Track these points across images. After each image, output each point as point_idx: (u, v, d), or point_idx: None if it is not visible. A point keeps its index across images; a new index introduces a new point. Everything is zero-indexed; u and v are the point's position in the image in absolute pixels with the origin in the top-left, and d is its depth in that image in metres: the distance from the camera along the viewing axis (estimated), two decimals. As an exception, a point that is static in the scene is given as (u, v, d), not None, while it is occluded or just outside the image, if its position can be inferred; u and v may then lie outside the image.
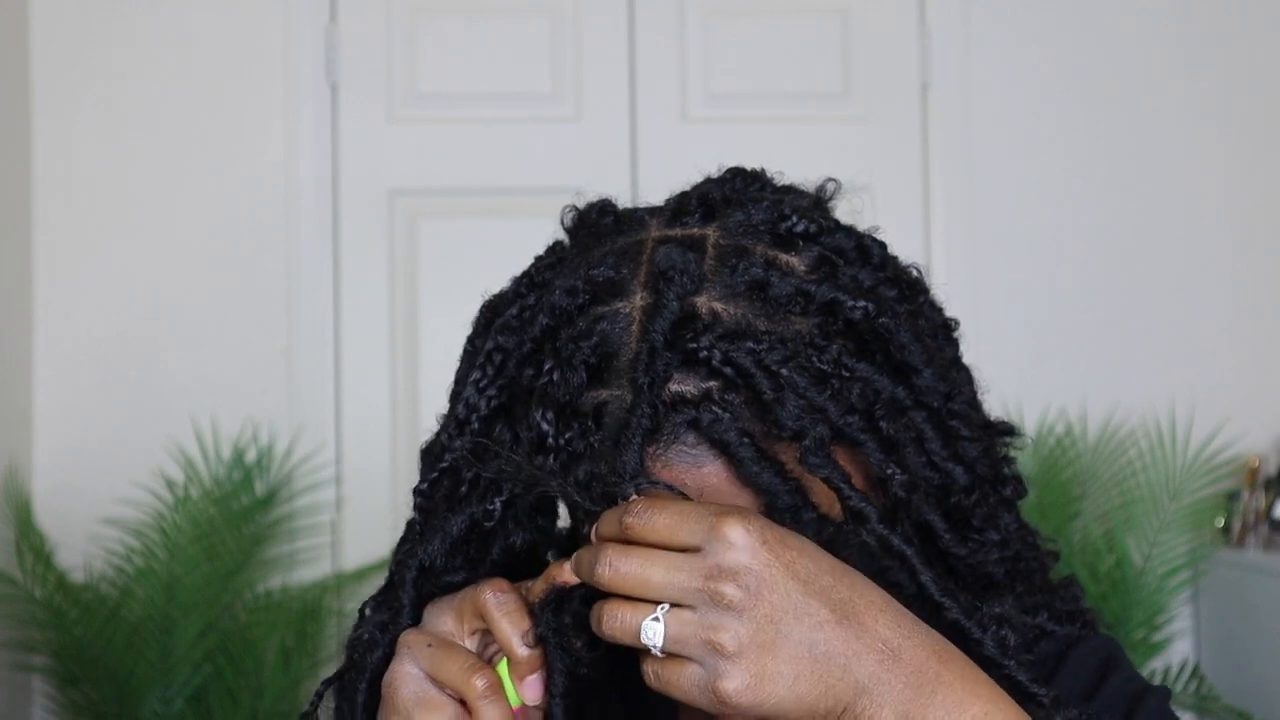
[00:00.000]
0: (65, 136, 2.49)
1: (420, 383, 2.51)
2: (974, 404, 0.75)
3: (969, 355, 0.80)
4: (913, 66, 2.59)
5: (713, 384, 0.64)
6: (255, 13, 2.52)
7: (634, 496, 0.62)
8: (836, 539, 0.63)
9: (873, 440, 0.66)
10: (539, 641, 0.65)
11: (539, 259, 0.76)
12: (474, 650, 0.67)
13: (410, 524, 0.76)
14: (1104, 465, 2.50)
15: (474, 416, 0.72)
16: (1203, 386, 2.56)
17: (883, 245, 0.73)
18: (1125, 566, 2.38)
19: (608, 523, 0.61)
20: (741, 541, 0.58)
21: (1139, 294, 2.62)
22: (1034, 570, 0.76)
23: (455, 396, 0.75)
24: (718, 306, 0.66)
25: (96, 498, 2.39)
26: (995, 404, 0.80)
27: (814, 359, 0.65)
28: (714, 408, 0.63)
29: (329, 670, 2.46)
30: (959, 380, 0.74)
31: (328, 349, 2.51)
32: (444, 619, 0.68)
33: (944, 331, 0.75)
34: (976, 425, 0.72)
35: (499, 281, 0.78)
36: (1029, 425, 2.49)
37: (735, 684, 0.57)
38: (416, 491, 0.74)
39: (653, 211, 0.74)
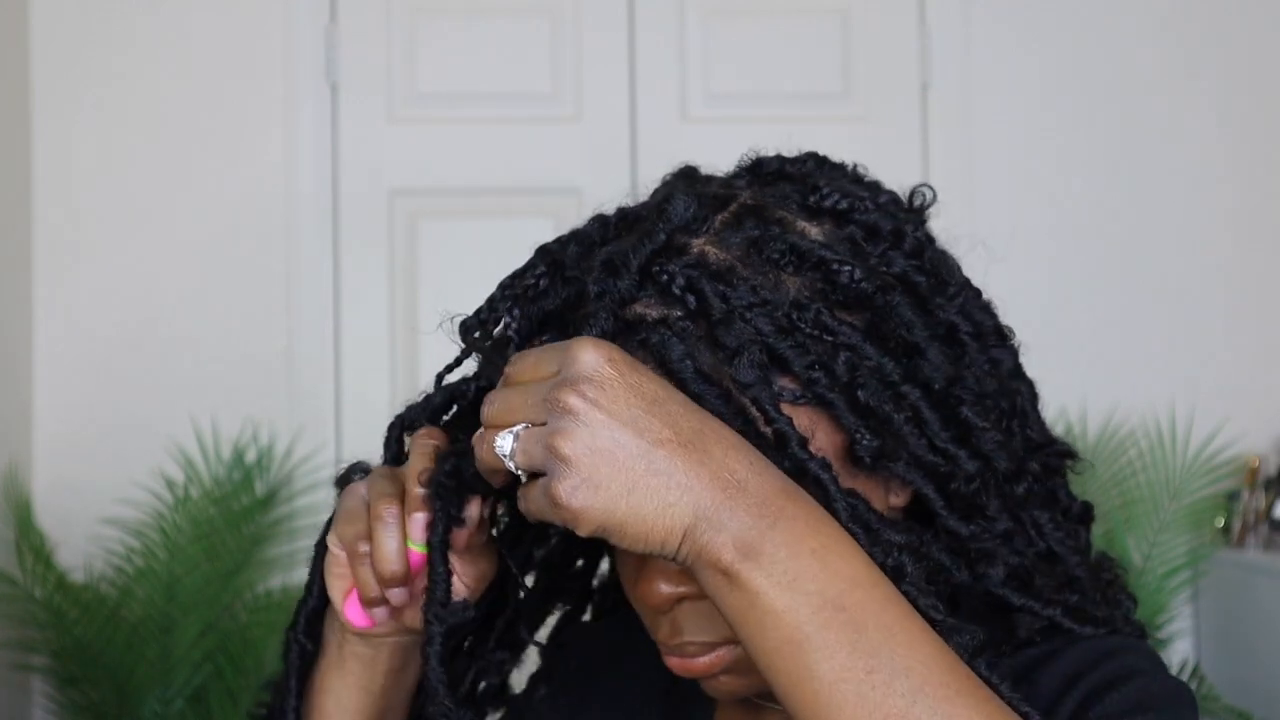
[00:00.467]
0: (65, 136, 2.49)
1: (420, 383, 2.50)
2: (1013, 413, 0.74)
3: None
4: (913, 66, 2.59)
5: (675, 311, 0.65)
6: (255, 13, 2.52)
7: None
8: (782, 468, 0.63)
9: (844, 401, 0.66)
10: (429, 485, 0.70)
11: (619, 209, 0.78)
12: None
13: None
14: (1104, 465, 2.50)
15: (493, 318, 0.74)
16: (1203, 386, 2.56)
17: (924, 237, 0.73)
18: (1125, 566, 2.37)
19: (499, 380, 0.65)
20: (588, 358, 0.59)
21: (1139, 294, 2.62)
22: (1077, 576, 0.75)
23: None
24: (709, 249, 0.67)
25: (96, 498, 2.39)
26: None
27: (792, 315, 0.66)
28: (665, 330, 0.65)
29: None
30: (1013, 388, 0.74)
31: (328, 349, 2.51)
32: (412, 458, 0.73)
33: (995, 335, 0.75)
34: (1005, 416, 0.72)
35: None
36: (1029, 425, 2.48)
37: (568, 486, 0.58)
38: (438, 376, 0.79)
39: (724, 176, 0.77)
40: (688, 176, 0.77)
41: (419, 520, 0.70)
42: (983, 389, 0.71)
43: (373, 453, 0.82)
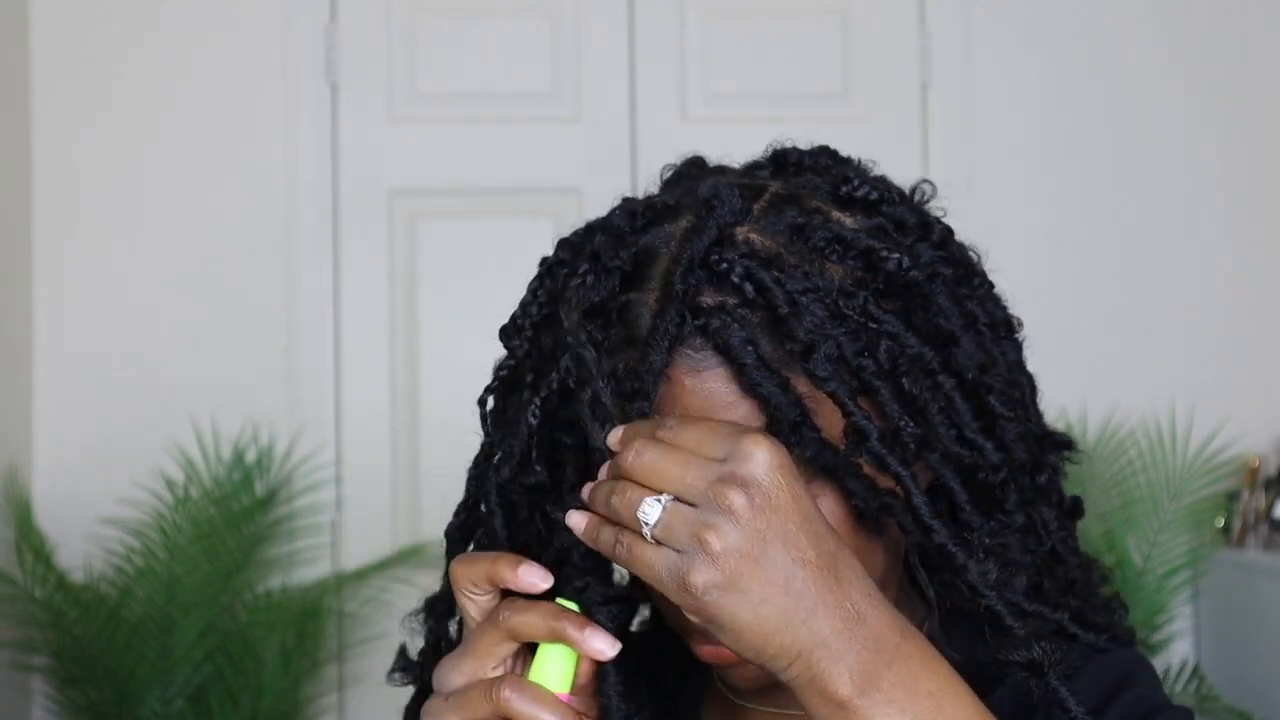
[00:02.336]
0: (65, 137, 2.49)
1: (420, 383, 2.51)
2: (1023, 404, 0.74)
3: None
4: (913, 66, 2.59)
5: (732, 299, 0.65)
6: (255, 13, 2.52)
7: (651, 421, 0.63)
8: (836, 464, 0.64)
9: (889, 389, 0.66)
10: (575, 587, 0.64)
11: (624, 199, 0.77)
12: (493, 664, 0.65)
13: (483, 445, 0.76)
14: (1104, 465, 2.50)
15: (527, 322, 0.72)
16: (1203, 386, 2.56)
17: (949, 229, 0.74)
18: (1125, 566, 2.37)
19: (636, 429, 0.62)
20: (762, 458, 0.59)
21: (1139, 294, 2.62)
22: (1075, 579, 0.76)
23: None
24: (754, 237, 0.67)
25: (96, 498, 2.39)
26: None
27: (840, 303, 0.66)
28: (725, 316, 0.65)
29: (330, 671, 2.46)
30: (1019, 380, 0.75)
31: (328, 349, 2.51)
32: (459, 669, 0.65)
33: (1005, 328, 0.75)
34: (1018, 407, 0.72)
35: (499, 281, 0.78)
36: (1029, 425, 2.48)
37: (705, 578, 0.57)
38: (480, 401, 0.75)
39: (741, 168, 0.77)
40: (698, 166, 0.77)
41: (595, 632, 0.63)
42: (1008, 379, 0.72)
43: (371, 451, 0.81)
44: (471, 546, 0.75)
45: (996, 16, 2.61)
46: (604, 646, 0.63)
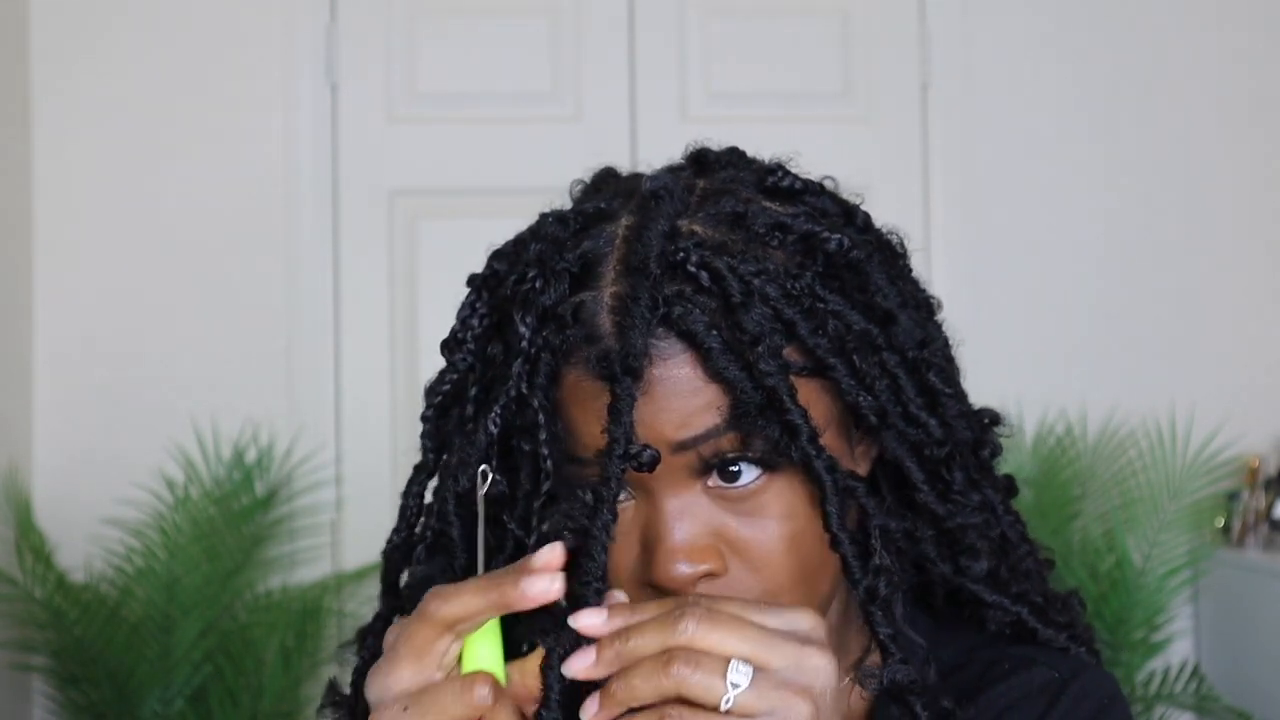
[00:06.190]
0: (65, 137, 2.49)
1: (420, 383, 2.51)
2: (951, 380, 0.75)
3: (969, 354, 0.81)
4: (913, 66, 2.59)
5: (688, 287, 0.66)
6: (255, 13, 2.52)
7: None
8: (794, 451, 0.65)
9: (844, 366, 0.67)
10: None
11: (541, 214, 0.77)
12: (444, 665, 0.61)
13: (418, 464, 0.76)
14: (1104, 465, 2.50)
15: (469, 335, 0.73)
16: (1203, 386, 2.56)
17: (868, 215, 0.75)
18: (1125, 566, 2.37)
19: (675, 603, 0.60)
20: (828, 668, 0.59)
21: (1139, 294, 2.62)
22: (1029, 570, 0.77)
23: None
24: (698, 228, 0.68)
25: (96, 497, 2.39)
26: (995, 404, 0.81)
27: (788, 284, 0.67)
28: (686, 303, 0.65)
29: (330, 671, 2.46)
30: (942, 350, 0.76)
31: (328, 349, 2.51)
32: (399, 671, 0.60)
33: (927, 309, 0.76)
34: (955, 384, 0.73)
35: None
36: (1029, 425, 2.49)
37: None
38: (424, 418, 0.76)
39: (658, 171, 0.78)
40: (611, 176, 0.79)
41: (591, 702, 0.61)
42: (945, 355, 0.73)
43: (372, 451, 0.81)
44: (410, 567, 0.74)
45: (996, 16, 2.61)
46: (545, 585, 0.58)
